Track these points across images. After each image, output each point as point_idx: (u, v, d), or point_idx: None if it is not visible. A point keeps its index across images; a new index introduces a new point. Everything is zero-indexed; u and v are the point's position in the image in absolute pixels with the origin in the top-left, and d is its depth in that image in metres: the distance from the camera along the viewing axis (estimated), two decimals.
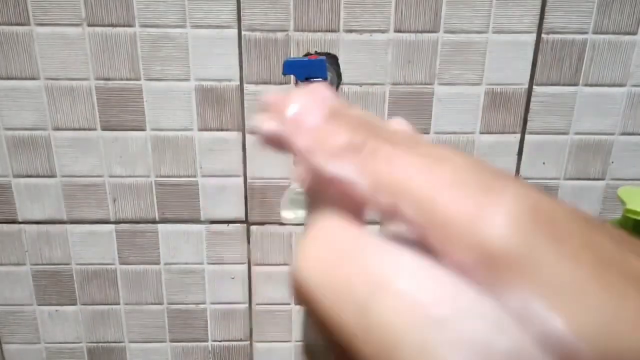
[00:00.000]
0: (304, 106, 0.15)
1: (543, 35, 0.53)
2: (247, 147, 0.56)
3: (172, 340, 0.64)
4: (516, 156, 0.58)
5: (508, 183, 0.12)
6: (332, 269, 0.13)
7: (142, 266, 0.61)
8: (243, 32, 0.52)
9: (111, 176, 0.57)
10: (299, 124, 0.15)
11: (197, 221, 0.59)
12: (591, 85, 0.55)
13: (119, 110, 0.55)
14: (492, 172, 0.13)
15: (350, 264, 0.12)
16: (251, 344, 0.65)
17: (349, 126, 0.14)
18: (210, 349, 0.65)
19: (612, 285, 0.10)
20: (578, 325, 0.10)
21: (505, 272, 0.11)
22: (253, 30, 0.52)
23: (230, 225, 0.59)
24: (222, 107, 0.55)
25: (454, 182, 0.12)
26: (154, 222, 0.59)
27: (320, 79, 0.50)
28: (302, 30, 0.52)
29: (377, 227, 0.14)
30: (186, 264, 0.61)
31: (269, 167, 0.57)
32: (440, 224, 0.12)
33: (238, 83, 0.54)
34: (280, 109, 0.17)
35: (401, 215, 0.12)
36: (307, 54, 0.53)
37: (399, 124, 0.18)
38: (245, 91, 0.54)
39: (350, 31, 0.52)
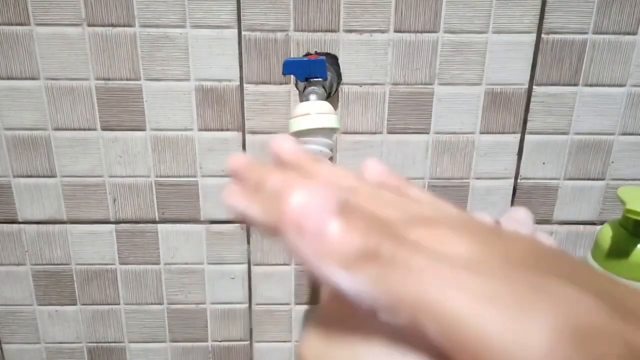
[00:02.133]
0: (307, 200, 0.12)
1: (543, 35, 0.53)
2: (247, 147, 0.56)
3: (172, 340, 0.64)
4: (516, 156, 0.58)
5: (548, 295, 0.11)
6: (325, 356, 0.13)
7: (142, 266, 0.61)
8: (243, 32, 0.52)
9: (111, 176, 0.57)
10: (301, 225, 0.12)
11: (197, 221, 0.59)
12: (591, 85, 0.55)
13: (119, 110, 0.55)
14: (534, 276, 0.11)
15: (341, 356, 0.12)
16: (251, 344, 0.65)
17: (363, 225, 0.12)
18: (210, 349, 0.65)
19: None
20: None
21: None
22: (253, 30, 0.52)
23: (230, 225, 0.60)
24: (222, 107, 0.55)
25: (485, 296, 0.11)
26: (154, 222, 0.59)
27: (320, 79, 0.50)
28: (302, 30, 0.52)
29: None
30: (186, 264, 0.61)
31: None
32: (468, 346, 0.10)
33: (238, 83, 0.54)
34: (256, 180, 0.15)
35: (423, 332, 0.11)
36: (307, 54, 0.53)
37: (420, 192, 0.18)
38: (245, 91, 0.54)
39: (350, 31, 0.52)
